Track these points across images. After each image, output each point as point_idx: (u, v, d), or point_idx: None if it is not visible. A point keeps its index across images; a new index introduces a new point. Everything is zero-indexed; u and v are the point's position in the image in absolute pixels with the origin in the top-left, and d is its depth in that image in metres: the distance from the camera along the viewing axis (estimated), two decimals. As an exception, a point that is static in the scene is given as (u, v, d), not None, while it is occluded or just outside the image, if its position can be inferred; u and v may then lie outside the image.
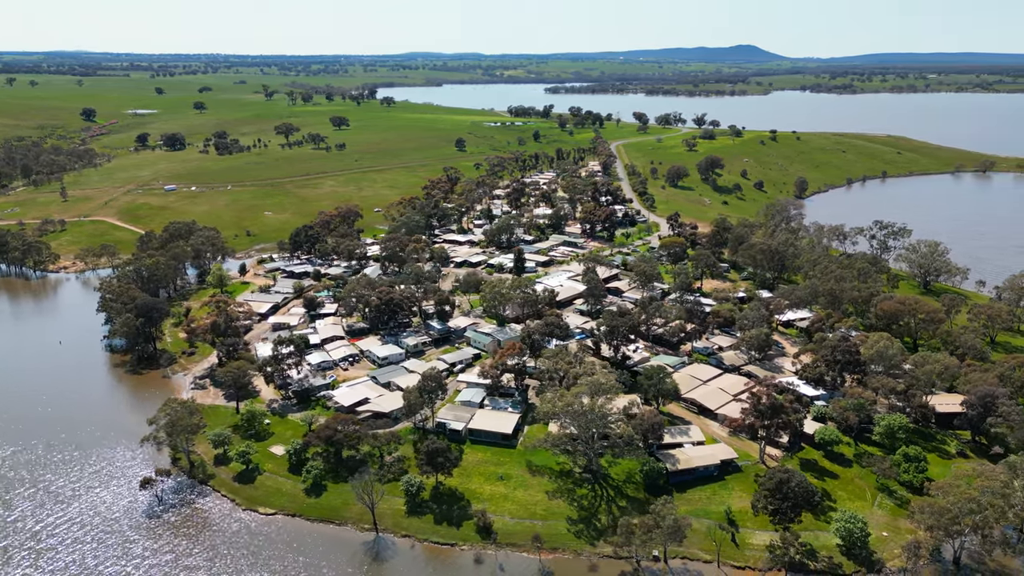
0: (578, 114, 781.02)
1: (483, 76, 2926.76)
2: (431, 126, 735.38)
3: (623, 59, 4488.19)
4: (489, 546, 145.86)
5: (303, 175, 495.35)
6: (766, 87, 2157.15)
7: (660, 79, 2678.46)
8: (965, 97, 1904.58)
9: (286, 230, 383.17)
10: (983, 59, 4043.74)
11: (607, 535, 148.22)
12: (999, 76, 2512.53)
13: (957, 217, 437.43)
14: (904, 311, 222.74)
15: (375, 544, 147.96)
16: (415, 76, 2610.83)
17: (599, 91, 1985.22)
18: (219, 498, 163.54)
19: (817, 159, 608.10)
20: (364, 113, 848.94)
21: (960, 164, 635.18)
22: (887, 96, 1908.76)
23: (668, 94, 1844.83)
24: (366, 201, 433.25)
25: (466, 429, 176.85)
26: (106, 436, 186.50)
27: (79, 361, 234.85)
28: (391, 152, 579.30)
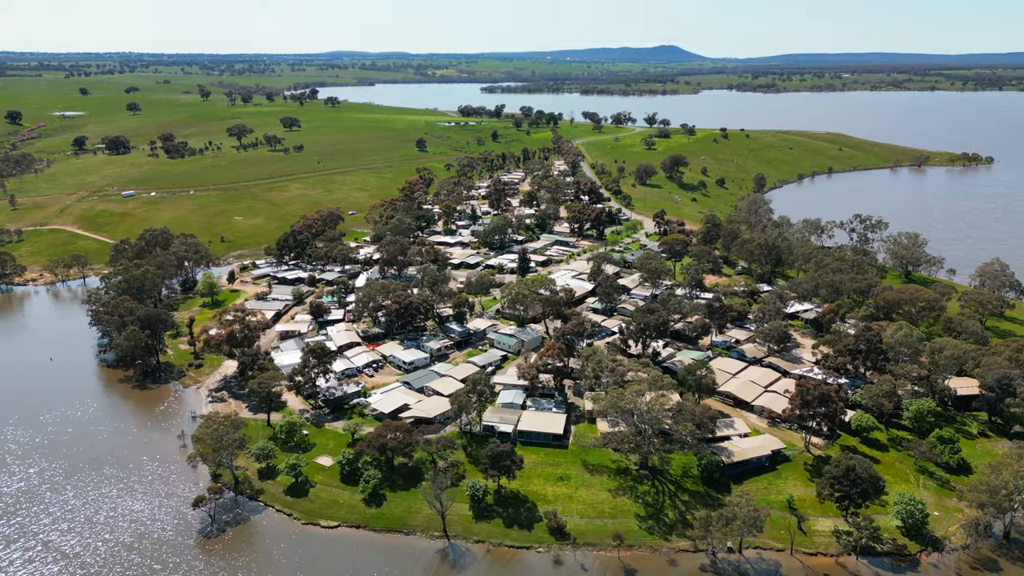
0: (530, 114, 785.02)
1: (415, 76, 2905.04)
2: (384, 127, 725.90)
3: (550, 59, 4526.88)
4: (566, 547, 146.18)
5: (266, 178, 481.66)
6: (694, 87, 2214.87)
7: (591, 79, 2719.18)
8: (881, 95, 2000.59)
9: (261, 235, 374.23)
10: (890, 59, 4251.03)
11: (677, 529, 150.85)
12: (908, 75, 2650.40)
13: (906, 209, 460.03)
14: (904, 300, 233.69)
15: (449, 552, 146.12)
16: (346, 75, 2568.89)
17: (534, 91, 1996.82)
18: (274, 513, 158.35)
19: (767, 156, 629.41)
20: (312, 114, 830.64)
21: (898, 159, 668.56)
22: (809, 95, 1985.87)
23: (603, 94, 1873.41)
24: (338, 204, 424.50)
25: (515, 431, 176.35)
26: (135, 457, 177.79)
27: (77, 378, 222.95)
28: (352, 153, 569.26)
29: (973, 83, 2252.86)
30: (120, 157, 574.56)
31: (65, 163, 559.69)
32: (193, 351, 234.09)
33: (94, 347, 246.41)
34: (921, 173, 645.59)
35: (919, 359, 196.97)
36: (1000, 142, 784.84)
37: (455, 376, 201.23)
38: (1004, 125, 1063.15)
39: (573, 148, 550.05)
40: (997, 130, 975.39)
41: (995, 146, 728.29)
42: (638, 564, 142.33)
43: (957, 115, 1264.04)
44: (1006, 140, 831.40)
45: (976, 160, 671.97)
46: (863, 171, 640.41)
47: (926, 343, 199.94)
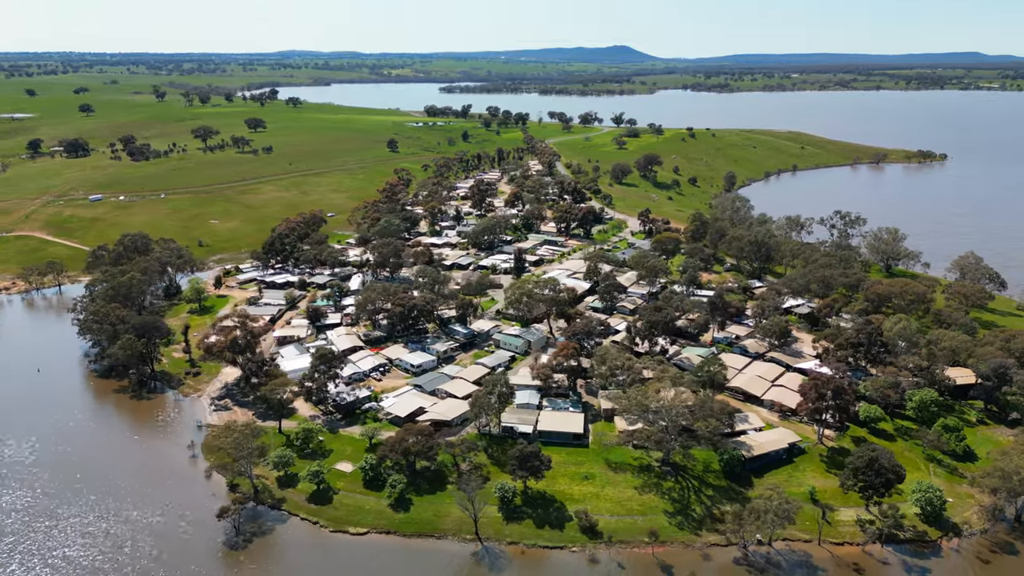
0: (496, 114, 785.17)
1: (370, 75, 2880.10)
2: (351, 127, 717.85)
3: (505, 59, 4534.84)
4: (599, 545, 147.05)
5: (238, 180, 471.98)
6: (650, 86, 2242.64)
7: (547, 78, 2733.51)
8: (829, 94, 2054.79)
9: (240, 239, 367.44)
10: (835, 59, 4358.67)
11: (706, 524, 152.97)
12: (853, 75, 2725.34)
13: (872, 205, 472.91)
14: (895, 293, 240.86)
15: (483, 554, 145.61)
16: (300, 75, 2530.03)
17: (493, 90, 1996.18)
18: (298, 522, 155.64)
19: (734, 155, 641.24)
20: (275, 114, 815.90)
21: (857, 157, 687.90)
22: (761, 94, 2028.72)
23: (561, 93, 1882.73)
24: (316, 206, 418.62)
25: (535, 431, 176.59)
26: (145, 469, 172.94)
27: (69, 390, 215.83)
28: (323, 154, 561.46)
29: (916, 82, 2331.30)
30: (80, 160, 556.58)
31: (22, 167, 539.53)
32: (189, 359, 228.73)
33: (80, 357, 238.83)
34: (880, 170, 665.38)
35: (918, 351, 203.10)
36: (950, 139, 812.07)
37: (467, 378, 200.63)
38: (951, 123, 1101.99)
39: (548, 148, 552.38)
40: (945, 128, 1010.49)
41: (946, 143, 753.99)
42: (672, 560, 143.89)
43: (905, 113, 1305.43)
44: (955, 137, 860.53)
45: (930, 157, 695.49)
46: (825, 168, 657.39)
47: (921, 335, 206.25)
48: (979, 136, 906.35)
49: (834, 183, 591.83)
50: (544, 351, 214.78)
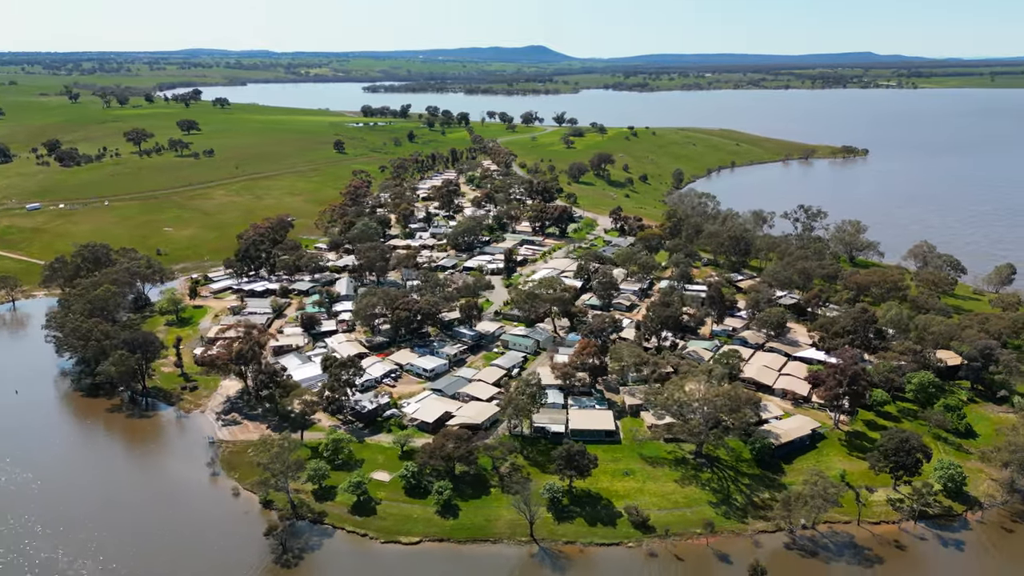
0: (436, 113, 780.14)
1: (287, 75, 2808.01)
2: (290, 128, 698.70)
3: (423, 58, 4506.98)
4: (653, 539, 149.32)
5: (185, 185, 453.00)
6: (573, 86, 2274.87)
7: (468, 78, 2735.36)
8: (742, 93, 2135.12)
9: (200, 246, 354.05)
10: (741, 59, 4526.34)
11: (750, 511, 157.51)
12: (762, 74, 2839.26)
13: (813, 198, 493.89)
14: (873, 282, 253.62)
15: (542, 556, 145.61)
16: (213, 75, 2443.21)
17: (418, 90, 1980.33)
18: (344, 534, 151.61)
19: (675, 152, 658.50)
20: (204, 116, 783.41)
21: (788, 153, 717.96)
22: (680, 93, 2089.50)
23: (487, 93, 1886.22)
24: (272, 210, 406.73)
25: (568, 430, 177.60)
26: (168, 491, 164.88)
27: (58, 412, 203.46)
28: (268, 157, 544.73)
29: (820, 81, 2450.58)
30: (3, 167, 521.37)
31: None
32: (181, 373, 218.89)
33: (56, 375, 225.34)
34: (809, 165, 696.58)
35: (909, 336, 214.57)
36: (864, 135, 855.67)
37: (486, 380, 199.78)
38: (862, 120, 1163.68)
39: (502, 148, 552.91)
40: (859, 124, 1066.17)
41: (862, 139, 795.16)
42: (727, 548, 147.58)
43: (818, 111, 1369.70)
44: (869, 133, 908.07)
45: (854, 152, 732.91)
46: (760, 164, 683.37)
47: (910, 321, 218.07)
48: (891, 132, 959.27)
49: (771, 178, 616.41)
50: (556, 350, 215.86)
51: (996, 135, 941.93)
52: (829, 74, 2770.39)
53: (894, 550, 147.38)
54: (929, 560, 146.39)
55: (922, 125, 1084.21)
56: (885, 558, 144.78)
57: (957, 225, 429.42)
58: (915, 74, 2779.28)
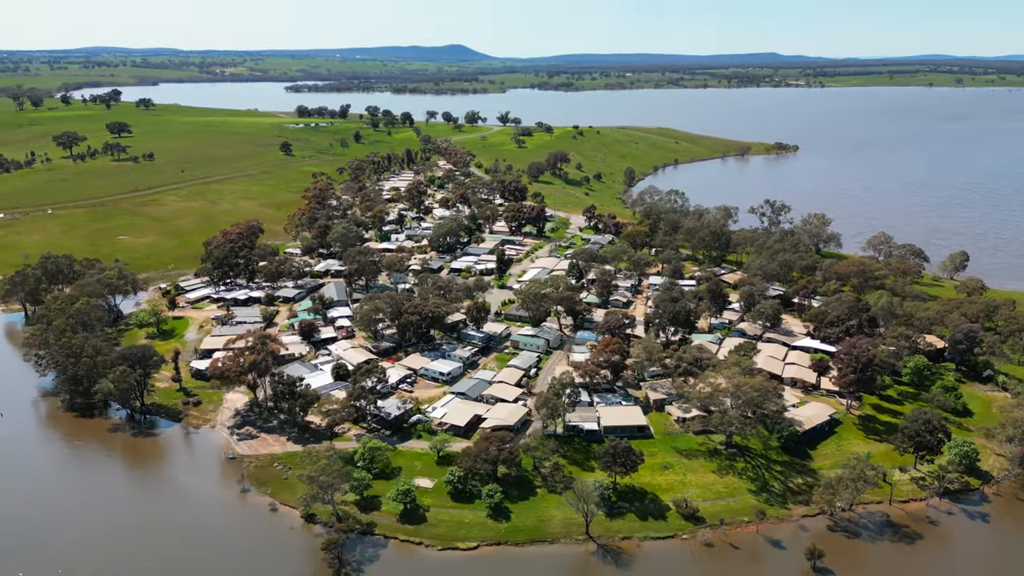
0: (376, 113, 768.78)
1: (201, 74, 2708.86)
2: (228, 130, 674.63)
3: (341, 57, 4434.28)
4: (705, 530, 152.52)
5: (130, 191, 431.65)
6: (499, 85, 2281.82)
7: (392, 77, 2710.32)
8: (663, 92, 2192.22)
9: (161, 254, 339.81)
10: (654, 59, 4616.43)
11: (788, 497, 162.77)
12: (680, 74, 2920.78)
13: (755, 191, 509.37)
14: (852, 273, 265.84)
15: (601, 553, 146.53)
16: (121, 74, 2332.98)
17: (343, 90, 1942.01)
18: (399, 544, 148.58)
19: (621, 151, 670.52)
20: (131, 117, 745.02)
21: (725, 150, 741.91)
22: (604, 92, 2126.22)
23: (415, 92, 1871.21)
24: (230, 215, 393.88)
25: (601, 427, 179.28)
26: (200, 514, 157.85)
27: (51, 436, 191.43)
28: (214, 161, 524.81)
29: (736, 81, 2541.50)
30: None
31: None
32: (180, 387, 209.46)
33: (37, 395, 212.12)
34: (745, 162, 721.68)
35: (899, 322, 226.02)
36: (791, 131, 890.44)
37: (508, 381, 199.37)
38: (783, 117, 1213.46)
39: (457, 149, 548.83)
40: (782, 121, 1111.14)
41: (789, 135, 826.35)
42: (776, 534, 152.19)
43: (743, 110, 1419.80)
44: (794, 129, 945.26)
45: (786, 148, 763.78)
46: (700, 162, 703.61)
47: (899, 307, 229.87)
48: (814, 129, 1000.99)
49: (714, 174, 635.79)
50: (572, 348, 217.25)
51: (908, 132, 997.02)
52: (743, 74, 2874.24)
53: (928, 525, 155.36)
54: (961, 533, 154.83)
55: (839, 122, 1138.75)
56: (923, 534, 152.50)
57: (892, 216, 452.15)
58: (820, 73, 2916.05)
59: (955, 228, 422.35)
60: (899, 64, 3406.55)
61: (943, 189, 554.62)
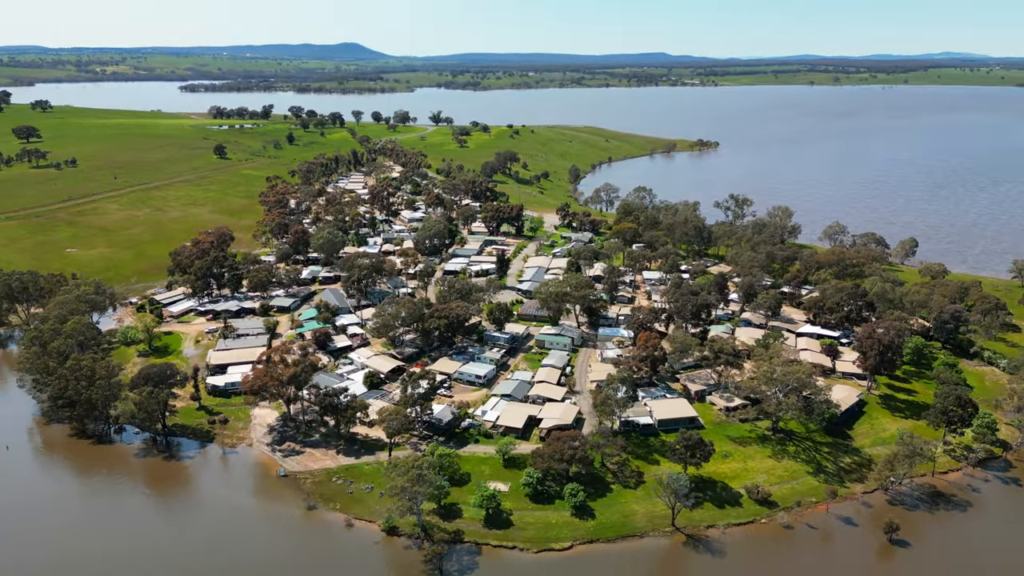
0: (300, 114, 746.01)
1: (82, 74, 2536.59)
2: (148, 133, 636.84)
3: (228, 55, 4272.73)
4: (781, 513, 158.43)
5: (65, 200, 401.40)
6: (406, 84, 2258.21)
7: (290, 76, 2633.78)
8: (567, 91, 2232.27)
9: (120, 267, 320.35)
10: (549, 59, 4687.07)
11: (843, 476, 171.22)
12: (580, 73, 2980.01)
13: (688, 185, 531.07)
14: (832, 262, 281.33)
15: (693, 543, 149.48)
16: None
17: (243, 89, 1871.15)
18: (492, 550, 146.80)
19: (558, 149, 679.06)
20: (39, 121, 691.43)
21: (653, 148, 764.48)
22: (511, 91, 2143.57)
23: (320, 92, 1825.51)
24: (180, 223, 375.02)
25: (655, 421, 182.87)
26: (271, 539, 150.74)
27: (72, 469, 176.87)
28: (145, 166, 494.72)
29: (635, 80, 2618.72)
30: None
31: None
32: (200, 405, 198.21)
33: (31, 422, 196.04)
34: (671, 159, 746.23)
35: (894, 306, 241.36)
36: (705, 128, 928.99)
37: (549, 381, 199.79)
38: (691, 115, 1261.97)
39: (407, 149, 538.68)
40: (690, 118, 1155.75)
41: (703, 132, 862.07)
42: (845, 511, 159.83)
43: (652, 109, 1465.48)
44: (706, 126, 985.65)
45: (708, 145, 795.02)
46: (632, 159, 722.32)
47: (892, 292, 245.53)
48: (724, 126, 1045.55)
49: (649, 170, 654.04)
50: (604, 345, 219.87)
51: (809, 128, 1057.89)
52: (640, 73, 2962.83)
53: (972, 493, 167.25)
54: (1003, 497, 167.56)
55: (743, 119, 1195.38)
56: (971, 501, 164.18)
57: (825, 207, 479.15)
58: (711, 73, 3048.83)
59: (886, 217, 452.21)
60: (780, 64, 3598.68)
61: (860, 182, 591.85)
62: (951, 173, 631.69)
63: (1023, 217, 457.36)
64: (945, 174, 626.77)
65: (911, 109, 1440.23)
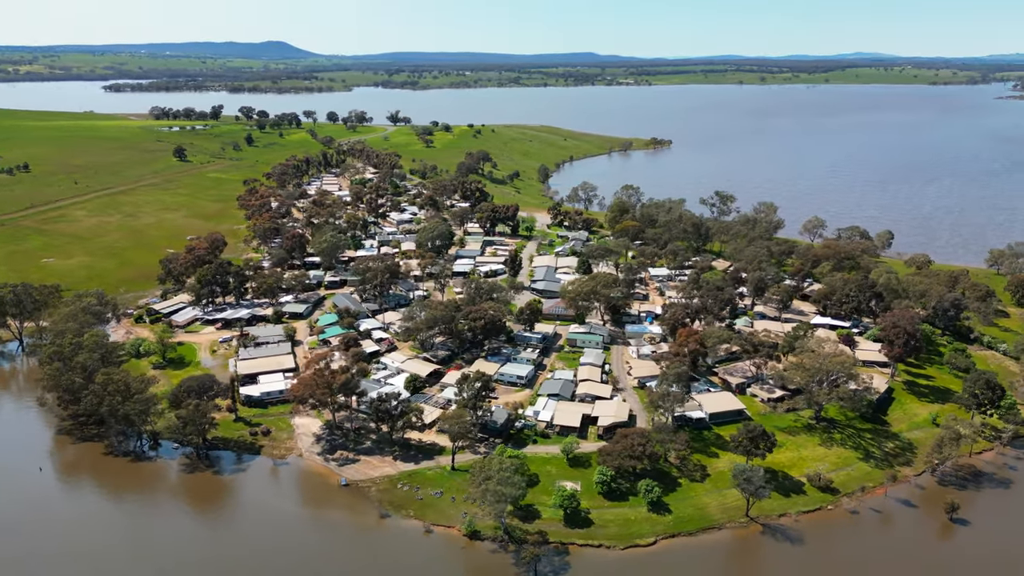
0: (251, 115, 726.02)
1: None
2: (97, 135, 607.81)
3: (147, 53, 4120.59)
4: (843, 498, 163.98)
5: (26, 208, 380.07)
6: (341, 83, 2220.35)
7: (218, 75, 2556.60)
8: (510, 90, 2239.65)
9: (104, 276, 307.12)
10: (479, 58, 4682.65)
11: (890, 460, 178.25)
12: (517, 73, 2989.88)
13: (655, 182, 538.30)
14: (829, 256, 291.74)
15: (771, 531, 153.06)
16: None
17: (172, 89, 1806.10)
18: (578, 549, 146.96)
19: (521, 149, 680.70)
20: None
21: (611, 147, 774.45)
22: (451, 91, 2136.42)
23: (254, 91, 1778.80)
24: (156, 230, 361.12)
25: (707, 415, 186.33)
26: (359, 546, 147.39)
27: (117, 488, 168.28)
28: (103, 170, 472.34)
29: (573, 80, 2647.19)
30: None
31: None
32: (237, 417, 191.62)
33: (51, 439, 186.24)
34: (627, 157, 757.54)
35: (899, 296, 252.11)
36: (653, 127, 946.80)
37: (593, 379, 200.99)
38: (633, 114, 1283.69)
39: (378, 151, 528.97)
40: (635, 118, 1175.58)
41: (652, 130, 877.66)
42: (901, 494, 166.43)
43: (591, 106, 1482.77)
44: (654, 125, 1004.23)
45: (662, 143, 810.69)
46: (592, 157, 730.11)
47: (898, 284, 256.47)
48: (671, 124, 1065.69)
49: (612, 168, 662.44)
50: (641, 343, 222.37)
51: (749, 128, 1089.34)
52: (576, 72, 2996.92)
53: (1009, 471, 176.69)
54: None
55: (686, 118, 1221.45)
56: (1012, 479, 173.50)
57: (788, 204, 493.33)
58: (642, 72, 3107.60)
59: (849, 212, 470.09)
60: (706, 64, 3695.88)
61: (813, 178, 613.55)
62: (895, 169, 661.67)
63: (973, 211, 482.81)
64: (889, 170, 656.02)
65: (840, 108, 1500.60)
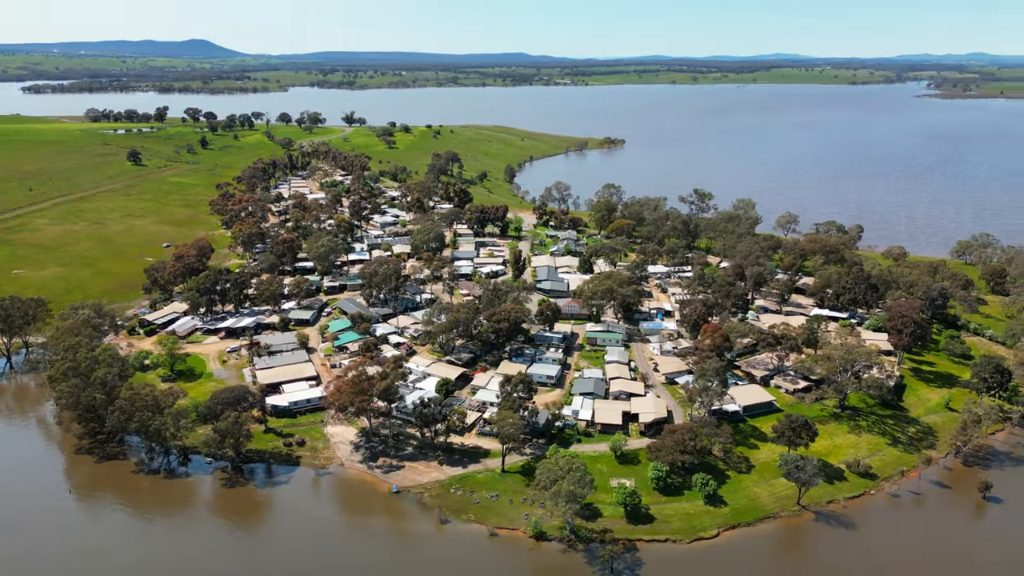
0: (197, 117, 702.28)
1: None
2: (36, 139, 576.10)
3: (59, 52, 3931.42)
4: (882, 483, 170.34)
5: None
6: (278, 84, 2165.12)
7: (142, 75, 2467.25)
8: (449, 90, 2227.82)
9: (86, 287, 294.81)
10: (412, 57, 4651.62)
11: (916, 444, 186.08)
12: (454, 73, 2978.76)
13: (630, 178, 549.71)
14: (815, 248, 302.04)
15: (823, 518, 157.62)
16: None
17: (96, 90, 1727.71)
18: (645, 545, 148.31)
19: (482, 149, 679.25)
20: None
21: (567, 146, 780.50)
22: (390, 91, 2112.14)
23: (185, 91, 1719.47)
24: (126, 237, 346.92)
25: (741, 408, 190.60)
26: (425, 554, 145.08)
27: (163, 508, 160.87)
28: (55, 176, 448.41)
29: (511, 80, 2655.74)
30: None
31: None
32: (267, 428, 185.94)
33: (69, 459, 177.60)
34: (583, 156, 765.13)
35: (891, 287, 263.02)
36: (604, 126, 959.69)
37: (623, 376, 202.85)
38: (579, 114, 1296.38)
39: (344, 152, 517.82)
40: (581, 118, 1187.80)
41: (603, 130, 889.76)
42: (932, 476, 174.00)
43: (534, 106, 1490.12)
44: (600, 123, 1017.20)
45: (616, 142, 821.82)
46: (550, 157, 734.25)
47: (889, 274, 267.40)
48: (619, 123, 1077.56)
49: (569, 167, 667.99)
50: (664, 340, 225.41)
51: (694, 126, 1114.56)
52: (514, 73, 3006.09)
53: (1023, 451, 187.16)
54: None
55: (630, 117, 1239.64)
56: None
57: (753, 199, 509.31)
58: (577, 72, 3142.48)
59: (810, 207, 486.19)
60: (637, 64, 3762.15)
61: (768, 174, 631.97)
62: (841, 165, 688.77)
63: (924, 204, 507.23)
64: (836, 166, 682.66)
65: (777, 107, 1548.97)
